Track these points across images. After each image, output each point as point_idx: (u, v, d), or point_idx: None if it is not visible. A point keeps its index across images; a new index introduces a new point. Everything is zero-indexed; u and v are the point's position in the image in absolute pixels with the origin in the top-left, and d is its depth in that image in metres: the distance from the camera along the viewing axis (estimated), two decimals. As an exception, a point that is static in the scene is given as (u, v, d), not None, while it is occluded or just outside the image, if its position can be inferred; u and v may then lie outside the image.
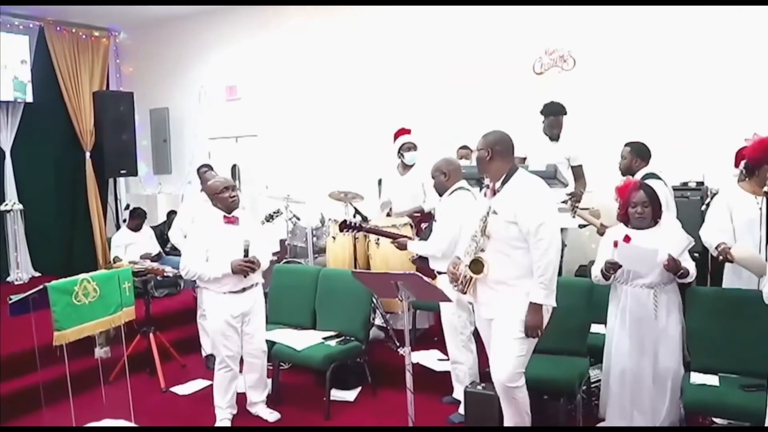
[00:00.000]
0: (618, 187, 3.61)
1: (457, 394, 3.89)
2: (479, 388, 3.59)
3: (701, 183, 4.78)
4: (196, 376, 4.76)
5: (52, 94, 7.58)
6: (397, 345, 3.20)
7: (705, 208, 4.08)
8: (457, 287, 3.12)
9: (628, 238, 3.30)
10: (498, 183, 3.04)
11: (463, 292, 3.09)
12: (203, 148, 7.76)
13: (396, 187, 5.29)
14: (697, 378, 3.31)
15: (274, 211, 5.68)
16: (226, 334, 3.80)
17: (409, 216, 5.10)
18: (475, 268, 3.00)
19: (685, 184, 4.80)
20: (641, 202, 3.36)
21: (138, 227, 6.16)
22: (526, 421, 3.14)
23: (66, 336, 3.43)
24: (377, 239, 4.87)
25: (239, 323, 3.84)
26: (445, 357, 4.16)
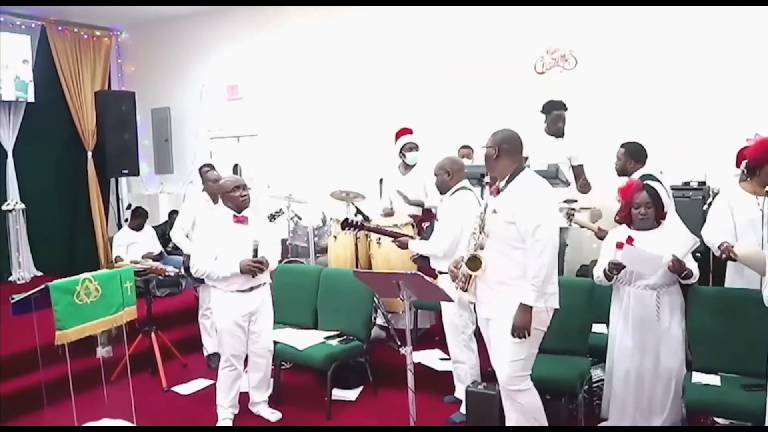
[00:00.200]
0: (621, 188, 3.60)
1: (459, 394, 3.89)
2: (480, 387, 3.59)
3: (703, 183, 4.77)
4: (197, 376, 4.76)
5: (54, 93, 7.57)
6: (399, 344, 3.21)
7: (706, 207, 4.07)
8: (458, 285, 3.11)
9: (631, 240, 3.29)
10: (503, 182, 3.03)
11: (465, 290, 3.08)
12: (205, 148, 7.75)
13: (398, 187, 5.29)
14: (699, 378, 3.31)
15: (276, 211, 5.68)
16: (233, 333, 3.81)
17: (411, 204, 5.11)
18: (472, 265, 3.00)
19: (687, 184, 4.79)
20: (644, 203, 3.35)
21: (140, 227, 6.16)
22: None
23: (68, 335, 3.43)
24: (379, 239, 4.88)
25: (246, 322, 3.84)
26: (447, 356, 4.15)
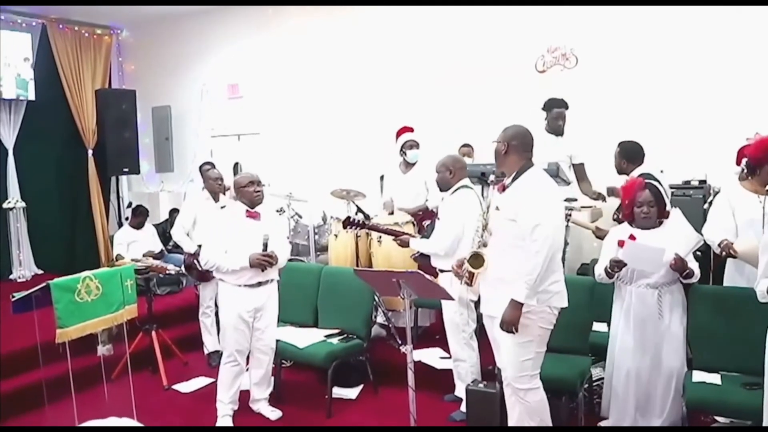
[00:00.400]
0: (623, 186, 3.60)
1: (459, 392, 3.89)
2: (481, 386, 3.59)
3: (704, 181, 4.76)
4: (198, 374, 4.77)
5: (55, 91, 7.57)
6: (399, 343, 3.21)
7: (707, 206, 4.06)
8: (462, 282, 3.11)
9: (633, 238, 3.29)
10: (509, 179, 3.02)
11: (470, 284, 3.07)
12: (205, 146, 7.74)
13: (398, 185, 5.29)
14: (699, 376, 3.32)
15: (277, 209, 5.67)
16: (238, 327, 3.83)
17: (412, 214, 5.10)
18: (475, 263, 3.00)
19: (688, 183, 4.78)
20: (647, 201, 3.35)
21: (140, 225, 6.16)
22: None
23: (68, 333, 3.43)
24: (379, 237, 4.87)
25: (251, 318, 3.86)
26: (447, 355, 4.16)
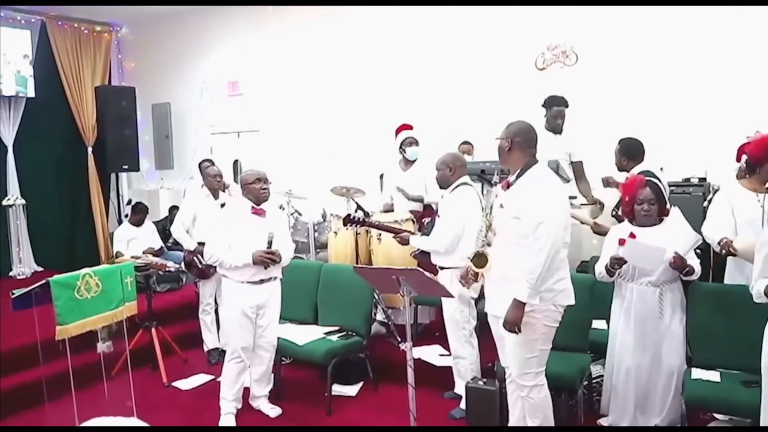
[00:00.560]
0: (624, 183, 3.60)
1: (459, 390, 3.90)
2: (480, 383, 3.60)
3: (703, 179, 4.76)
4: (198, 371, 4.77)
5: (54, 89, 7.57)
6: (399, 340, 3.22)
7: (707, 204, 4.06)
8: (468, 281, 3.11)
9: (633, 236, 3.29)
10: (513, 176, 3.00)
11: (476, 280, 3.07)
12: (205, 144, 7.75)
13: (398, 183, 5.29)
14: (699, 374, 3.32)
15: (277, 207, 5.65)
16: (241, 324, 3.83)
17: (411, 200, 5.13)
18: (478, 262, 2.99)
19: (688, 180, 4.78)
20: (648, 199, 3.35)
21: (140, 222, 6.16)
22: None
23: (68, 330, 3.44)
24: (379, 234, 4.88)
25: (254, 314, 3.86)
26: (447, 352, 4.16)
